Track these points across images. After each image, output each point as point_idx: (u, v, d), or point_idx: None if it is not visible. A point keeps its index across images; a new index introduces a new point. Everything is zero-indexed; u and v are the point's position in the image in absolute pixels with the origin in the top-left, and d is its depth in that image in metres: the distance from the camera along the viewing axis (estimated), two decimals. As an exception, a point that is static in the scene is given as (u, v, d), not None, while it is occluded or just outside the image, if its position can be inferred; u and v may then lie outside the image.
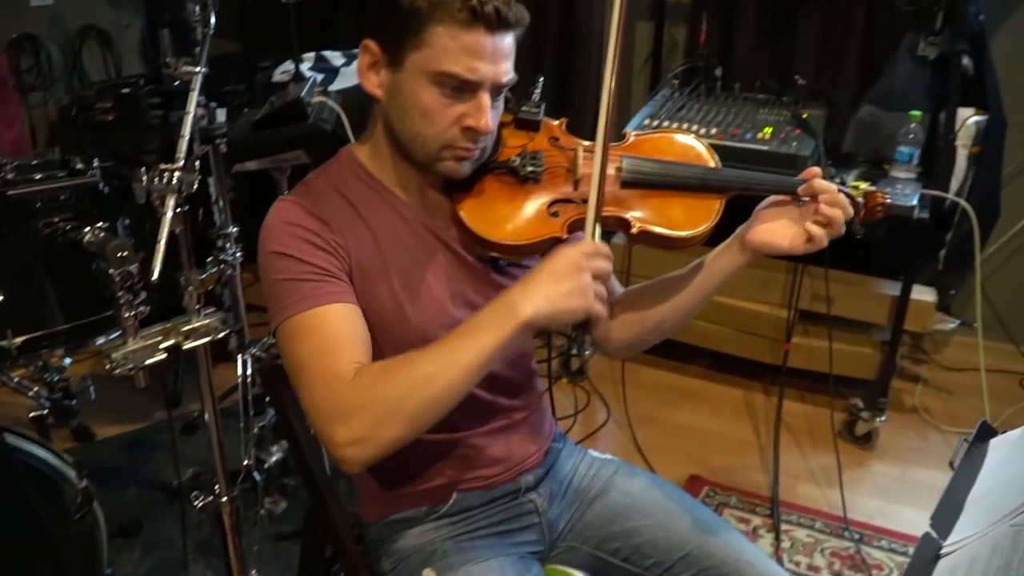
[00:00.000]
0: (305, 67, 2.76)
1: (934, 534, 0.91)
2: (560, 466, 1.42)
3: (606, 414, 2.72)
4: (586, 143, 1.29)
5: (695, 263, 1.31)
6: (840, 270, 2.60)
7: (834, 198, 1.17)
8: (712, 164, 1.30)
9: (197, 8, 1.49)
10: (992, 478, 0.99)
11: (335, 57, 2.86)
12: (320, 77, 2.73)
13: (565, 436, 1.51)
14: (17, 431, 1.61)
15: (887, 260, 2.68)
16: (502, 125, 1.27)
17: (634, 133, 1.33)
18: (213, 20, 1.44)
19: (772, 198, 1.24)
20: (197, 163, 1.21)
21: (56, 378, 1.86)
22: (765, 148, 2.39)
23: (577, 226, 1.23)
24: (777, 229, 1.20)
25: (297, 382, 1.10)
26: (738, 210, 1.28)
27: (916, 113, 2.37)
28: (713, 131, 2.48)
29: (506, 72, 1.14)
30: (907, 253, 2.47)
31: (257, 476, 2.00)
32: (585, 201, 1.23)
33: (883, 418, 2.51)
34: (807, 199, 1.20)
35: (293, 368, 1.11)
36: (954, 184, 2.51)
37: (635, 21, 3.11)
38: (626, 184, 1.25)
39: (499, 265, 1.28)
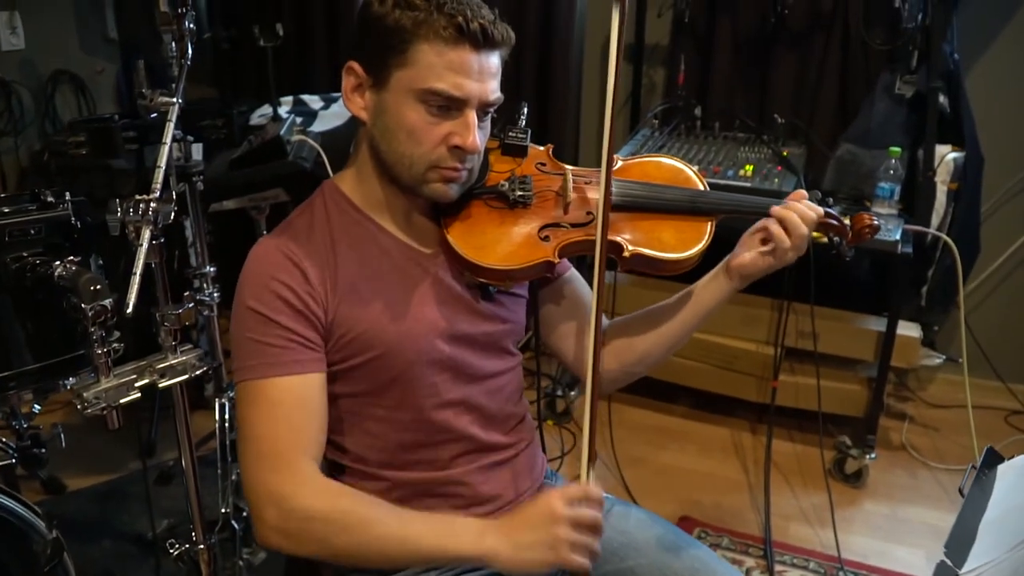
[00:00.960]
0: (283, 111, 2.74)
1: (949, 562, 0.87)
2: (553, 504, 1.36)
3: (593, 456, 2.66)
4: (573, 168, 1.28)
5: (680, 293, 1.30)
6: (825, 307, 2.59)
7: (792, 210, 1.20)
8: (701, 187, 1.29)
9: (173, 43, 1.47)
10: (1004, 504, 0.96)
11: (313, 101, 2.85)
12: (299, 120, 2.71)
13: (556, 473, 1.47)
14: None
15: (870, 296, 2.68)
16: (489, 151, 1.26)
17: (622, 158, 1.32)
18: (190, 52, 1.41)
19: (756, 226, 1.24)
20: (173, 195, 1.17)
21: (25, 425, 1.77)
22: (748, 185, 2.40)
23: (568, 250, 1.22)
24: (756, 249, 1.22)
25: (244, 446, 1.10)
26: (726, 243, 1.27)
27: (896, 149, 2.40)
28: (695, 168, 2.48)
29: (493, 91, 1.13)
30: (891, 289, 2.46)
31: (236, 525, 1.92)
32: (575, 226, 1.21)
33: (873, 455, 2.48)
34: None
35: (244, 431, 1.11)
36: (934, 220, 2.52)
37: (613, 63, 3.14)
38: (616, 208, 1.24)
39: (488, 292, 1.25)
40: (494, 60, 1.12)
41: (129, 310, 1.08)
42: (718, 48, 2.86)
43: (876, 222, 1.27)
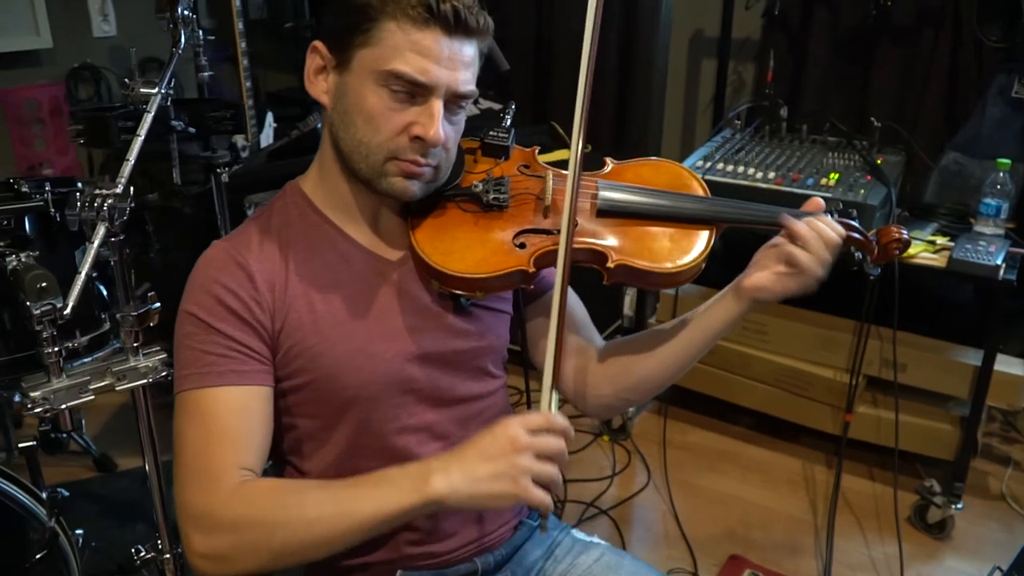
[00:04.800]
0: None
1: None
2: (532, 547, 1.23)
3: (646, 477, 2.49)
4: (557, 170, 1.16)
5: (684, 316, 1.16)
6: (916, 334, 2.32)
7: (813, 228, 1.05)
8: (701, 192, 1.16)
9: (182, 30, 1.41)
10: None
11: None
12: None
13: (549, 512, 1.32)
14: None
15: (971, 325, 2.38)
16: (468, 151, 1.15)
17: (614, 161, 1.18)
18: (183, 41, 1.35)
19: (773, 241, 1.09)
20: (131, 190, 1.11)
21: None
22: (828, 195, 2.14)
23: (545, 260, 1.10)
24: (773, 270, 1.07)
25: (175, 464, 1.00)
26: (741, 252, 1.12)
27: (1005, 161, 2.10)
28: (771, 175, 2.27)
29: (464, 81, 1.01)
30: (989, 319, 2.17)
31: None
32: (557, 231, 1.09)
33: (959, 506, 2.20)
34: None
35: (176, 447, 1.00)
36: (1053, 244, 2.21)
37: (700, 58, 2.94)
38: (602, 213, 1.11)
39: (460, 304, 1.13)
40: (467, 49, 1.01)
41: (67, 311, 1.02)
42: (812, 43, 2.62)
43: (905, 236, 1.10)
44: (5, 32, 2.83)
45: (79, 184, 1.40)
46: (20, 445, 1.80)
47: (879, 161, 2.31)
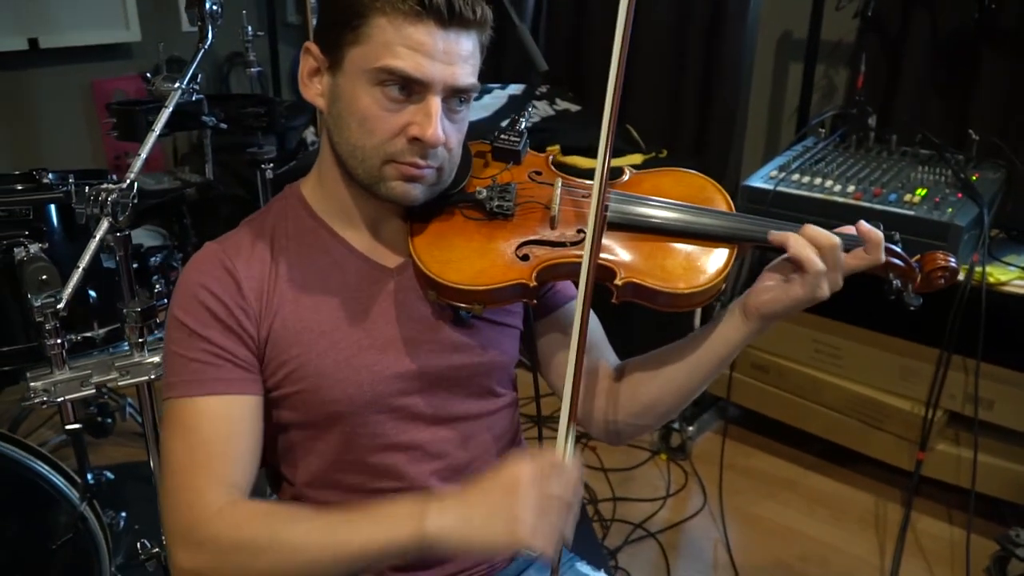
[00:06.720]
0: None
1: None
2: (527, 580, 1.17)
3: (702, 501, 2.37)
4: (568, 178, 1.10)
5: (690, 336, 1.08)
6: (1007, 368, 2.11)
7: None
8: (724, 208, 1.07)
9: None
10: None
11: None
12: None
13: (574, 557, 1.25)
14: (26, 444, 1.58)
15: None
16: (478, 155, 1.10)
17: (633, 170, 1.10)
18: (210, 36, 1.34)
19: (781, 257, 1.00)
20: (136, 186, 1.10)
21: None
22: (910, 213, 1.99)
23: (549, 274, 1.03)
24: (773, 280, 1.00)
25: (161, 476, 0.98)
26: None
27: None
28: (850, 188, 2.11)
29: (464, 75, 0.95)
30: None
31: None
32: (561, 244, 1.03)
33: (1045, 561, 1.99)
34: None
35: (162, 457, 0.99)
36: None
37: (788, 61, 2.78)
38: (613, 226, 1.03)
39: (461, 316, 1.07)
40: (465, 42, 0.95)
41: (61, 305, 1.01)
42: (908, 48, 2.43)
43: (952, 264, 1.00)
44: (96, 25, 2.95)
45: (112, 176, 1.41)
46: (66, 427, 1.85)
47: (974, 178, 2.12)
